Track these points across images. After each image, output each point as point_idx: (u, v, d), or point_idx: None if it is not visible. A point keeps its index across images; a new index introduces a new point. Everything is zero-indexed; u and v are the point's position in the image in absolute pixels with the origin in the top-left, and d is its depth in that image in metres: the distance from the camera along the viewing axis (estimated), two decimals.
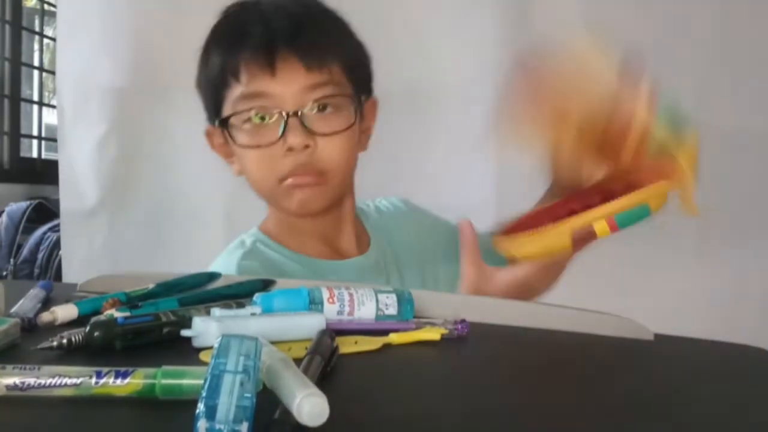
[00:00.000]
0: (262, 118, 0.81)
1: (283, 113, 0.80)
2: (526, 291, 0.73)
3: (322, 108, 0.81)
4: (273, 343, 0.41)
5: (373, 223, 0.98)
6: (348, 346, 0.48)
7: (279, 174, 0.82)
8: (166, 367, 0.36)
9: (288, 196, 0.83)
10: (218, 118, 0.85)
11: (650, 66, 0.71)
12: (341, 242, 0.91)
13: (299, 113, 0.80)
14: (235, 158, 0.88)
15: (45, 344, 0.43)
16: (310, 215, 0.87)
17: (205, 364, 0.33)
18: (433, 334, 0.52)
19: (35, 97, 2.88)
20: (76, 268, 1.53)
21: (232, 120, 0.83)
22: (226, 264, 0.86)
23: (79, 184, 1.54)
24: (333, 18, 0.87)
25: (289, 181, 0.82)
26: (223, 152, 0.89)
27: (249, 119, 0.82)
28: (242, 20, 0.84)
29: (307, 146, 0.80)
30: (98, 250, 1.53)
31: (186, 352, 0.45)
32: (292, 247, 0.89)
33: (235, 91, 0.82)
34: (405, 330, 0.52)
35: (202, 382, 0.31)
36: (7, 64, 2.39)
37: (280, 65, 0.80)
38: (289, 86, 0.80)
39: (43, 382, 0.35)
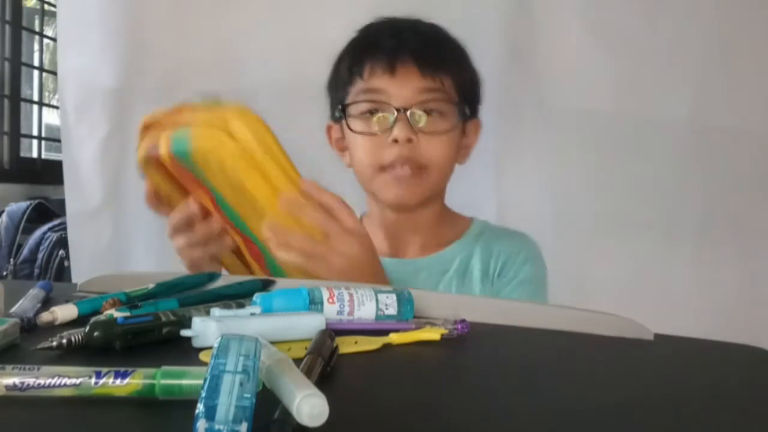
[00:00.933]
0: (375, 112, 0.93)
1: (394, 109, 0.91)
2: None
3: (429, 111, 0.93)
4: (273, 343, 0.41)
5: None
6: (348, 346, 0.48)
7: (381, 162, 0.92)
8: (165, 368, 0.36)
9: (387, 187, 0.94)
10: (340, 112, 0.97)
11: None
12: (408, 242, 1.01)
13: (408, 111, 0.91)
14: (347, 151, 0.99)
15: (45, 344, 0.43)
16: (403, 209, 0.97)
17: (204, 364, 0.33)
18: (433, 334, 0.52)
19: (35, 97, 2.88)
20: (84, 268, 1.53)
21: (351, 109, 0.95)
22: None
23: (83, 185, 1.54)
24: (454, 41, 1.00)
25: (390, 172, 0.93)
26: (339, 146, 1.01)
27: (366, 111, 0.94)
28: (375, 31, 0.98)
29: (410, 140, 0.91)
30: (105, 250, 1.53)
31: (186, 352, 0.45)
32: None
33: (358, 86, 0.94)
34: (405, 330, 0.52)
35: (201, 382, 0.31)
36: (7, 64, 2.40)
37: (399, 68, 0.92)
38: (404, 87, 0.92)
39: (42, 382, 0.35)
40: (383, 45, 0.94)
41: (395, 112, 0.91)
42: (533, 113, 1.39)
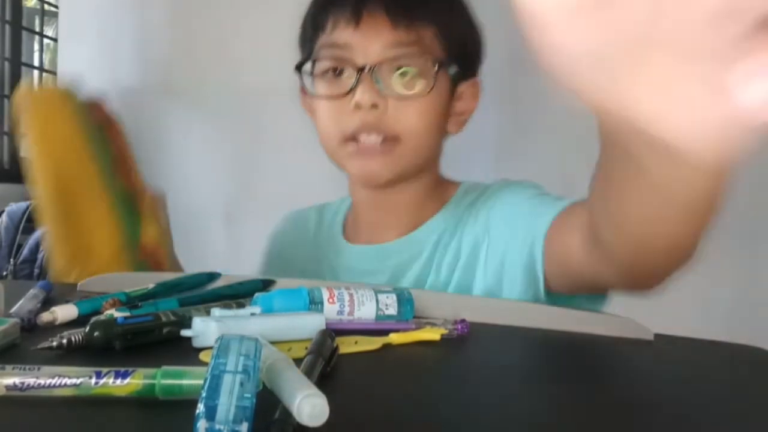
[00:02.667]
0: (340, 71, 0.77)
1: (357, 67, 0.75)
2: None
3: (402, 70, 0.76)
4: (273, 343, 0.41)
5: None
6: (348, 346, 0.48)
7: (344, 131, 0.77)
8: (166, 368, 0.36)
9: (351, 160, 0.78)
10: (300, 68, 0.82)
11: None
12: (388, 224, 0.84)
13: (373, 69, 0.75)
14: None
15: (45, 344, 0.43)
16: (372, 186, 0.82)
17: (205, 364, 0.33)
18: (433, 334, 0.52)
19: None
20: None
21: (313, 68, 0.80)
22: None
23: None
24: None
25: (355, 143, 0.77)
26: (310, 109, 0.84)
27: (328, 70, 0.78)
28: None
29: (374, 105, 0.74)
30: None
31: (186, 352, 0.46)
32: (347, 230, 0.89)
33: (321, 41, 0.79)
34: (405, 330, 0.52)
35: (201, 382, 0.31)
36: (7, 64, 2.40)
37: (365, 18, 0.75)
38: (370, 40, 0.75)
39: (42, 382, 0.35)
40: None
41: (357, 71, 0.75)
42: (533, 113, 1.39)
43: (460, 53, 0.80)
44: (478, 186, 0.84)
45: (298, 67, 0.81)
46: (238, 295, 0.59)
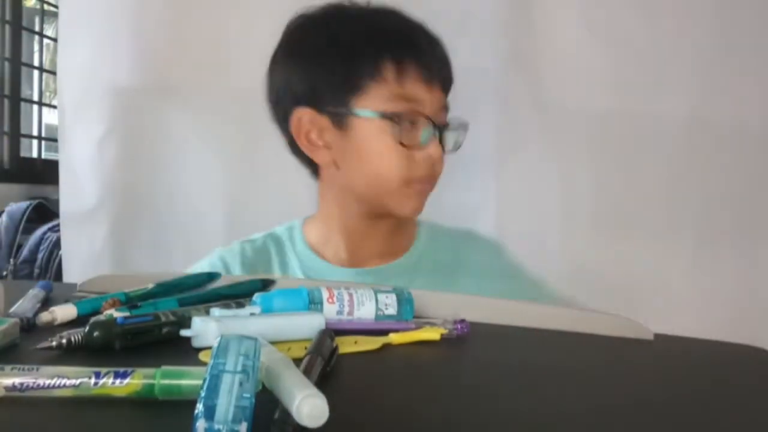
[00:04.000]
0: (412, 122, 0.85)
1: (432, 123, 0.85)
2: None
3: (455, 134, 0.90)
4: (273, 343, 0.41)
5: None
6: (348, 346, 0.48)
7: (410, 176, 0.85)
8: (165, 368, 0.36)
9: (407, 199, 0.87)
10: (347, 106, 0.85)
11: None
12: (371, 248, 0.93)
13: (445, 128, 0.87)
14: (339, 149, 0.87)
15: (44, 344, 0.43)
16: (408, 218, 0.93)
17: (204, 364, 0.33)
18: (432, 334, 0.52)
19: (35, 97, 2.87)
20: (76, 269, 1.52)
21: (394, 118, 0.84)
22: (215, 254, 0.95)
23: (79, 185, 1.54)
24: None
25: (415, 186, 0.87)
26: (311, 139, 0.88)
27: (405, 122, 0.84)
28: (407, 27, 0.88)
29: (440, 158, 0.87)
30: (98, 251, 1.53)
31: (185, 352, 0.45)
32: (322, 253, 0.93)
33: (387, 88, 0.84)
34: (405, 330, 0.52)
35: (201, 382, 0.31)
36: (7, 64, 2.39)
37: (434, 82, 0.86)
38: (436, 101, 0.86)
39: (42, 382, 0.35)
40: (423, 48, 0.86)
41: (435, 127, 0.85)
42: (533, 113, 1.39)
43: None
44: (437, 232, 0.98)
45: (334, 104, 0.85)
46: (238, 295, 0.59)
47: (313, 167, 0.93)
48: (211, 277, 0.66)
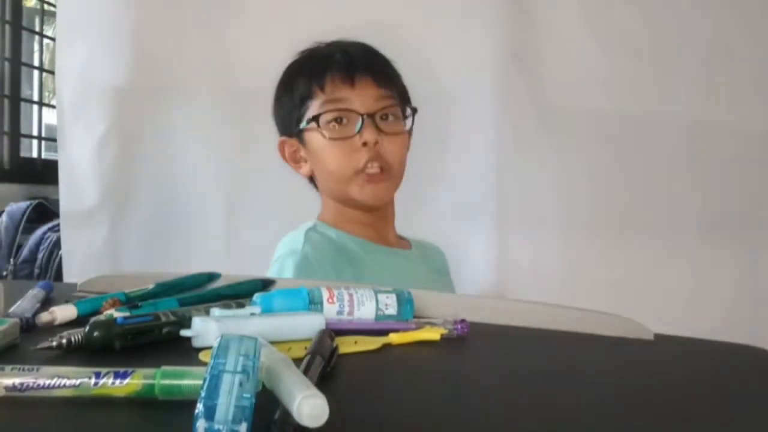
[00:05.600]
0: (341, 120, 1.00)
1: (360, 115, 0.99)
2: None
3: (385, 116, 1.01)
4: (273, 343, 0.41)
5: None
6: (348, 346, 0.48)
7: (356, 165, 0.99)
8: (165, 368, 0.36)
9: (362, 188, 1.00)
10: (298, 126, 1.02)
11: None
12: (388, 234, 1.07)
13: (373, 116, 0.99)
14: (309, 160, 1.04)
15: (44, 344, 0.43)
16: (378, 206, 1.04)
17: (204, 364, 0.33)
18: (432, 334, 0.52)
19: (35, 97, 2.87)
20: (76, 269, 1.53)
21: (320, 120, 1.00)
22: (293, 238, 1.00)
23: (79, 185, 1.54)
24: (390, 61, 1.09)
25: (364, 174, 0.99)
26: (294, 159, 1.06)
27: (332, 120, 1.00)
28: (326, 51, 1.05)
29: (376, 142, 0.98)
30: (98, 250, 1.53)
31: (185, 352, 0.45)
32: (349, 232, 1.03)
33: (319, 99, 1.00)
34: (405, 330, 0.52)
35: (201, 382, 0.31)
36: (7, 64, 2.39)
37: (357, 80, 1.00)
38: (364, 96, 1.00)
39: (42, 383, 0.35)
40: (338, 60, 1.02)
41: (362, 118, 0.98)
42: (533, 113, 1.39)
43: (408, 106, 1.07)
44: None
45: (308, 122, 1.00)
46: (238, 295, 0.59)
47: (311, 181, 1.07)
48: (211, 277, 0.66)
